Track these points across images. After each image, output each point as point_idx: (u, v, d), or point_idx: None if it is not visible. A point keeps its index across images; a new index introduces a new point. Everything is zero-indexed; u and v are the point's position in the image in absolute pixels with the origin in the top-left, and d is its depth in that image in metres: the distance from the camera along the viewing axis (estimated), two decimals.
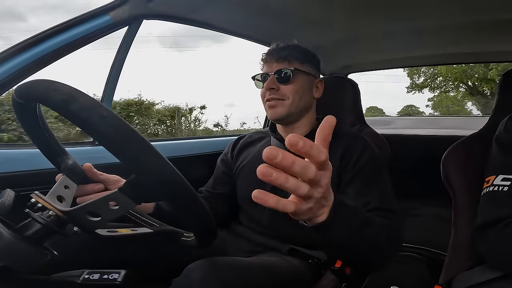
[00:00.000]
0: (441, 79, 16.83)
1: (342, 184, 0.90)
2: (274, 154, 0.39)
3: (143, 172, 0.45)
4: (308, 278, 0.89)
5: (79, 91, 0.44)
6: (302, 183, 0.42)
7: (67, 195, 0.60)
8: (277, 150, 0.39)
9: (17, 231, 0.48)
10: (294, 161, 0.40)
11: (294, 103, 0.95)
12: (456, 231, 0.86)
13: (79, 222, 0.51)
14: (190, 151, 1.35)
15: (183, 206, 0.50)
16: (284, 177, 0.41)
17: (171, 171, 0.46)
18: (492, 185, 0.71)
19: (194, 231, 0.59)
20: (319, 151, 0.42)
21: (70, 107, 0.42)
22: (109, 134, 0.42)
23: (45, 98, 0.44)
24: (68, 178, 0.62)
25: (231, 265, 0.70)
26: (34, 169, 0.86)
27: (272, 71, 0.95)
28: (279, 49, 0.97)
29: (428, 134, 2.34)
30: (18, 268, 0.46)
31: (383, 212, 0.81)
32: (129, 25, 1.02)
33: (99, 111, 0.42)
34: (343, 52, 1.69)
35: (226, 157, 1.14)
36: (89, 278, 0.49)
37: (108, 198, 0.49)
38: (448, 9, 1.13)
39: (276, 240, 0.94)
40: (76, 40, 0.89)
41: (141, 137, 0.44)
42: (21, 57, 0.81)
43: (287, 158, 0.40)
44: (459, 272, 0.80)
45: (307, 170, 0.42)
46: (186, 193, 0.48)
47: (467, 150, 0.90)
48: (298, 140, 0.39)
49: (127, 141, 0.42)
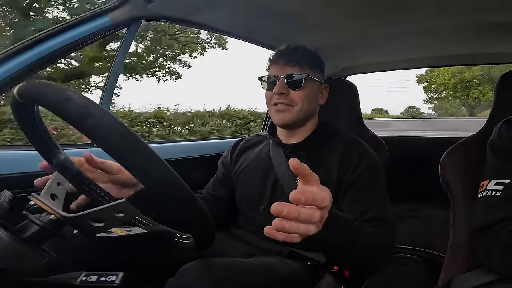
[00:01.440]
0: (445, 94, 20.98)
1: (340, 191, 0.91)
2: (280, 210, 0.46)
3: (154, 186, 0.44)
4: (307, 280, 0.89)
5: (94, 103, 0.43)
6: (310, 225, 0.50)
7: (59, 193, 0.59)
8: (283, 206, 0.46)
9: (14, 233, 0.47)
10: (299, 213, 0.47)
11: (302, 109, 0.94)
12: (455, 233, 0.87)
13: (81, 226, 0.50)
14: (190, 153, 1.35)
15: (188, 215, 0.50)
16: (295, 227, 0.48)
17: (181, 185, 0.45)
18: (485, 190, 0.73)
19: (192, 232, 0.59)
20: (322, 201, 0.50)
21: (86, 122, 0.41)
22: (122, 149, 0.42)
23: (58, 108, 0.43)
24: (59, 175, 0.61)
25: (227, 266, 0.70)
26: (32, 171, 0.86)
27: (282, 74, 0.93)
28: (290, 51, 0.95)
29: (427, 136, 2.34)
30: (16, 269, 0.45)
31: (378, 222, 0.83)
32: (128, 27, 1.02)
33: (115, 128, 0.41)
34: (342, 54, 1.69)
35: (226, 160, 1.13)
36: (86, 280, 0.49)
37: (115, 207, 0.48)
38: (448, 11, 1.13)
39: (275, 242, 0.93)
40: (76, 41, 0.89)
41: (139, 139, 0.43)
42: (21, 58, 0.82)
43: (291, 213, 0.47)
44: (458, 275, 0.80)
45: (312, 217, 0.49)
46: (193, 205, 0.48)
47: (465, 152, 0.90)
48: (300, 197, 0.47)
49: (125, 144, 0.42)
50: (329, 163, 0.94)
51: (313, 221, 0.50)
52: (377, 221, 0.83)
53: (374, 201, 0.87)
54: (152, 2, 0.98)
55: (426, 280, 1.26)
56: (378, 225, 0.83)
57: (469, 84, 18.77)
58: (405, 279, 1.27)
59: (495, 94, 0.94)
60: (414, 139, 2.17)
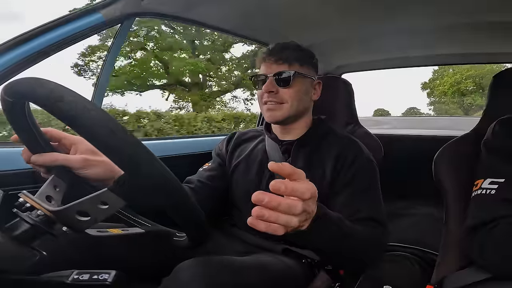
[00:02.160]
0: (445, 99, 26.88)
1: (334, 190, 0.91)
2: (261, 198, 0.47)
3: (132, 169, 0.44)
4: (301, 278, 0.89)
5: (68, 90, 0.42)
6: (292, 217, 0.49)
7: (56, 195, 0.59)
8: (263, 195, 0.46)
9: (5, 231, 0.47)
10: (279, 203, 0.47)
11: (293, 106, 0.94)
12: (447, 231, 0.87)
13: (68, 221, 0.50)
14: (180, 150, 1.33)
15: (172, 201, 0.50)
16: (275, 216, 0.48)
17: (160, 167, 0.46)
18: (480, 188, 0.73)
19: (184, 228, 0.58)
20: (303, 193, 0.49)
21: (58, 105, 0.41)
22: (94, 129, 0.41)
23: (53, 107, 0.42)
24: (57, 178, 0.61)
25: (222, 264, 0.70)
26: (22, 168, 0.85)
27: (271, 72, 0.94)
28: (278, 50, 0.96)
29: (421, 134, 2.36)
30: (6, 268, 0.45)
31: (370, 221, 0.84)
32: (121, 24, 1.01)
33: (85, 105, 0.41)
34: (337, 52, 1.69)
35: (221, 151, 1.12)
36: (78, 279, 0.48)
37: (97, 197, 0.48)
38: (444, 10, 1.14)
39: (270, 240, 0.94)
40: (67, 38, 0.87)
41: (127, 132, 0.43)
42: (10, 54, 0.80)
43: (271, 202, 0.47)
44: (450, 273, 0.80)
45: (293, 208, 0.49)
46: (176, 188, 0.48)
47: (458, 150, 0.91)
48: (280, 186, 0.47)
49: (114, 138, 0.42)
50: (324, 162, 0.94)
51: (295, 212, 0.49)
52: (369, 220, 0.84)
53: (367, 201, 0.87)
54: None
55: (420, 278, 1.27)
56: (370, 224, 0.84)
57: (464, 92, 25.07)
58: (398, 277, 1.28)
59: (488, 93, 0.94)
60: (409, 137, 2.18)
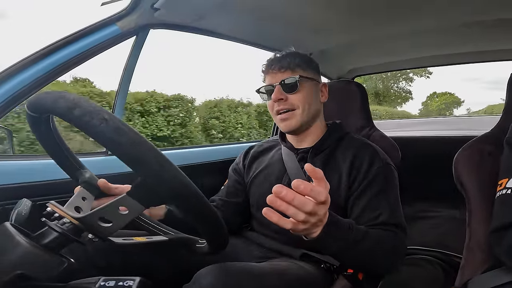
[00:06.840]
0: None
1: (351, 195, 0.90)
2: (280, 191, 0.54)
3: (148, 173, 0.45)
4: (320, 283, 0.88)
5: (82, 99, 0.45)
6: (300, 212, 0.56)
7: (84, 206, 0.61)
8: (283, 188, 0.53)
9: (34, 240, 0.48)
10: (294, 197, 0.54)
11: (305, 111, 0.95)
12: (471, 233, 0.85)
13: (92, 228, 0.51)
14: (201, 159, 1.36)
15: (190, 206, 0.51)
16: (285, 206, 0.55)
17: (175, 171, 0.46)
18: (505, 188, 0.70)
19: (204, 234, 0.59)
20: (318, 194, 0.56)
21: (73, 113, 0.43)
22: (109, 135, 0.43)
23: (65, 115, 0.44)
24: (85, 190, 0.64)
25: (241, 271, 0.71)
26: (49, 179, 0.88)
27: (276, 81, 0.95)
28: (279, 59, 0.98)
29: (439, 135, 2.32)
30: (36, 275, 0.46)
31: (389, 226, 0.84)
32: (137, 35, 1.04)
33: (102, 115, 0.43)
34: (349, 56, 1.69)
35: (238, 166, 1.14)
36: (104, 285, 0.49)
37: (117, 203, 0.50)
38: (451, 9, 1.12)
39: (288, 245, 0.94)
40: (86, 51, 0.91)
41: (143, 138, 0.45)
42: (32, 69, 0.83)
43: (288, 195, 0.54)
44: (476, 275, 0.78)
45: (304, 206, 0.55)
46: (192, 193, 0.49)
47: (479, 150, 0.88)
48: (300, 184, 0.54)
49: (127, 142, 0.43)
50: (340, 167, 0.93)
51: (304, 209, 0.55)
52: (388, 225, 0.83)
53: (385, 205, 0.86)
54: (159, 9, 1.00)
55: (443, 281, 1.23)
56: (389, 229, 0.83)
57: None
58: (420, 281, 1.25)
59: (507, 91, 0.92)
60: (426, 138, 2.15)
